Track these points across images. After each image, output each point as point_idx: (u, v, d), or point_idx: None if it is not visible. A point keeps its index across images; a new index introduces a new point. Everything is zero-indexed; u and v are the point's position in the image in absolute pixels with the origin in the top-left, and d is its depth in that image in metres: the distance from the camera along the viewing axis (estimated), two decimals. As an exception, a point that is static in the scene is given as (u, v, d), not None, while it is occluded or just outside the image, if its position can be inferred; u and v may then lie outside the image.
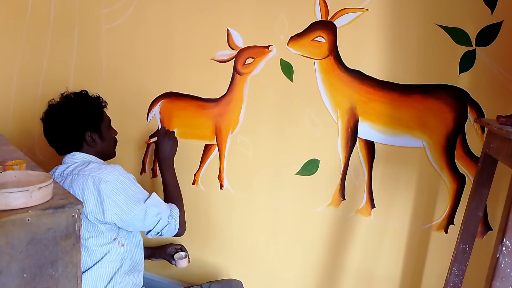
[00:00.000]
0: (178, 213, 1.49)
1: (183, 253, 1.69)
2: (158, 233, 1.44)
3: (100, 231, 1.35)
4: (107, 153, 1.56)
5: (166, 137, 1.64)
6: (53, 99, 1.49)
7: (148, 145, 1.87)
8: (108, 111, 1.57)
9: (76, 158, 1.46)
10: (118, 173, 1.37)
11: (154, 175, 1.90)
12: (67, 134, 1.45)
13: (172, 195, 1.59)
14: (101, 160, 1.51)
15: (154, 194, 1.44)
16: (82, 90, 1.53)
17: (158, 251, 1.74)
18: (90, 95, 1.54)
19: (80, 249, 0.92)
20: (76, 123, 1.45)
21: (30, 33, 1.79)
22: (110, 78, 1.83)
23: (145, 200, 1.39)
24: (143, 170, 1.91)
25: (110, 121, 1.59)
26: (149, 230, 1.43)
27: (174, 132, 1.67)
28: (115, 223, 1.36)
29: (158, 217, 1.41)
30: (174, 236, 1.49)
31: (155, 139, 1.67)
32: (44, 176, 0.97)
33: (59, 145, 1.48)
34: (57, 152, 1.50)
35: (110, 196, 1.32)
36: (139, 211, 1.36)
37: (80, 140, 1.46)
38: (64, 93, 1.51)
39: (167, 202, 1.53)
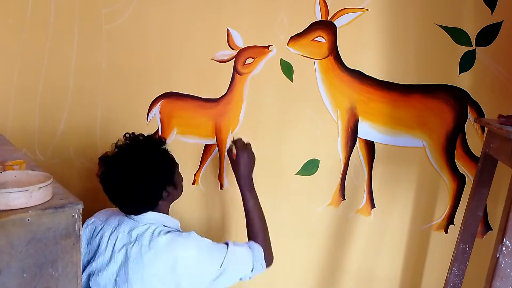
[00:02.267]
0: (262, 252, 1.34)
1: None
2: (249, 277, 1.32)
3: None
4: (177, 198, 1.38)
5: (245, 150, 1.45)
6: (106, 153, 1.24)
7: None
8: (108, 111, 1.56)
9: (147, 218, 1.25)
10: (194, 245, 1.22)
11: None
12: (143, 198, 1.22)
13: (255, 222, 1.40)
14: (174, 221, 1.33)
15: (230, 249, 1.26)
16: (140, 134, 1.29)
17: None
18: (153, 138, 1.31)
19: (80, 248, 0.92)
20: (154, 184, 1.23)
21: (30, 33, 1.79)
22: (110, 78, 1.83)
23: (221, 265, 1.22)
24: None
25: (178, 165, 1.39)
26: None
27: (250, 144, 1.48)
28: None
29: (241, 273, 1.29)
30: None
31: (230, 148, 1.49)
32: (44, 176, 0.97)
33: (129, 208, 1.26)
34: (123, 212, 1.28)
35: (189, 274, 1.19)
36: (219, 279, 1.23)
37: (158, 200, 1.26)
38: (117, 143, 1.25)
39: (250, 229, 1.39)
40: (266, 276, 1.79)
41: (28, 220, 0.85)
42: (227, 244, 1.29)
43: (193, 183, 1.84)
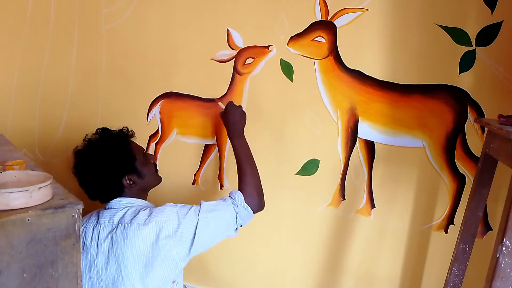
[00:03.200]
0: (241, 197, 1.39)
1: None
2: (236, 228, 1.37)
3: (164, 275, 1.29)
4: (151, 186, 1.49)
5: (235, 106, 1.55)
6: (77, 146, 1.41)
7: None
8: (108, 111, 1.56)
9: (123, 203, 1.38)
10: (170, 209, 1.33)
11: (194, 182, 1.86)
12: (103, 185, 1.37)
13: (244, 164, 1.48)
14: (149, 203, 1.44)
15: (202, 204, 1.35)
16: (104, 128, 1.44)
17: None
18: (113, 131, 1.44)
19: (80, 249, 0.92)
20: (109, 173, 1.36)
21: (30, 33, 1.79)
22: (110, 78, 1.83)
23: (197, 220, 1.31)
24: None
25: (143, 150, 1.50)
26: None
27: (241, 106, 1.59)
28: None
29: (225, 221, 1.34)
30: (256, 213, 1.42)
31: (223, 106, 1.59)
32: (44, 176, 0.97)
33: (99, 196, 1.40)
34: (101, 202, 1.42)
35: (172, 236, 1.28)
36: (200, 233, 1.30)
37: (120, 187, 1.38)
38: (86, 137, 1.42)
39: (240, 173, 1.46)
40: (266, 275, 1.79)
41: (28, 220, 0.85)
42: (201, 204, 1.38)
43: (193, 183, 1.84)
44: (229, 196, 1.41)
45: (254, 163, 1.50)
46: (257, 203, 1.42)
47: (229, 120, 1.53)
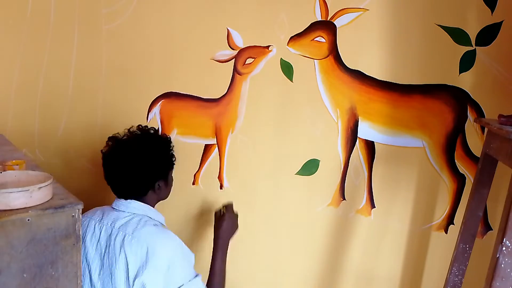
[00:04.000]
0: None
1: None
2: None
3: None
4: (166, 197, 1.47)
5: (233, 217, 1.55)
6: (118, 133, 1.38)
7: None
8: (108, 111, 1.57)
9: (132, 207, 1.33)
10: (174, 248, 1.27)
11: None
12: (137, 181, 1.32)
13: (218, 277, 1.49)
14: (157, 214, 1.39)
15: (198, 278, 1.31)
16: (151, 128, 1.43)
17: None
18: (161, 134, 1.44)
19: (80, 249, 0.92)
20: (151, 171, 1.33)
21: (30, 33, 1.79)
22: (110, 78, 1.83)
23: (186, 283, 1.26)
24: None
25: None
26: None
27: (237, 215, 1.58)
28: None
29: None
30: None
31: (222, 210, 1.58)
32: (44, 176, 0.97)
33: (121, 188, 1.35)
34: (114, 192, 1.37)
35: (159, 272, 1.23)
36: None
37: (147, 188, 1.35)
38: (131, 128, 1.39)
39: (211, 284, 1.46)
40: (266, 275, 1.79)
41: (28, 220, 0.85)
42: (197, 275, 1.32)
43: (193, 183, 1.84)
44: None
45: (224, 282, 1.51)
46: None
47: (224, 228, 1.51)
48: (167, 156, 1.41)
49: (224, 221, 1.52)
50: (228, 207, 1.57)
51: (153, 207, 1.40)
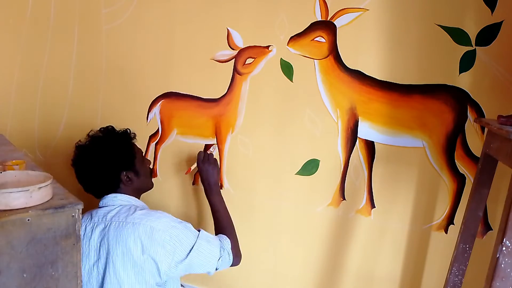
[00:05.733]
0: (229, 243, 1.47)
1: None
2: (216, 268, 1.42)
3: (147, 280, 1.32)
4: (144, 188, 1.55)
5: (206, 162, 1.61)
6: (80, 140, 1.47)
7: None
8: (108, 111, 1.57)
9: (117, 200, 1.43)
10: (169, 220, 1.36)
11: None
12: (101, 178, 1.42)
13: (223, 223, 1.56)
14: (144, 204, 1.49)
15: (202, 231, 1.42)
16: (108, 126, 1.51)
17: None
18: (117, 130, 1.51)
19: (80, 249, 0.92)
20: (109, 166, 1.41)
21: (30, 33, 1.79)
22: (110, 78, 1.83)
23: (195, 242, 1.37)
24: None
25: (142, 153, 1.58)
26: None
27: (212, 155, 1.65)
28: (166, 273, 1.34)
29: (211, 254, 1.39)
30: (230, 266, 1.49)
31: (194, 166, 1.65)
32: (44, 176, 0.97)
33: (95, 189, 1.45)
34: (95, 196, 1.47)
35: (164, 245, 1.31)
36: (192, 256, 1.35)
37: (116, 182, 1.44)
38: (90, 132, 1.49)
39: (219, 231, 1.53)
40: (266, 275, 1.79)
41: (28, 220, 0.85)
42: (199, 230, 1.43)
43: (193, 183, 1.84)
44: (218, 239, 1.46)
45: (232, 223, 1.58)
46: (237, 256, 1.50)
47: (204, 178, 1.60)
48: (123, 147, 1.46)
49: (203, 172, 1.60)
50: (199, 156, 1.63)
51: (138, 197, 1.49)
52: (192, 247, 1.35)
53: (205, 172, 1.60)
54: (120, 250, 1.29)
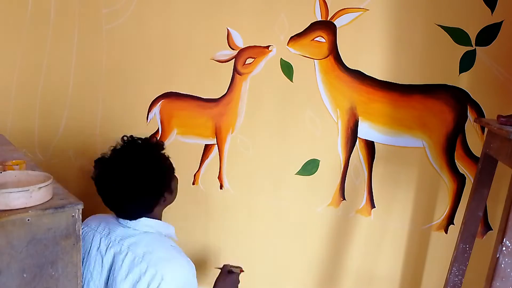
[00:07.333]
0: None
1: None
2: None
3: None
4: (171, 203, 1.36)
5: (236, 276, 1.47)
6: (104, 155, 1.22)
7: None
8: (108, 111, 1.56)
9: (140, 225, 1.24)
10: (184, 274, 1.19)
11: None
12: (141, 202, 1.21)
13: None
14: (169, 232, 1.31)
15: None
16: (136, 139, 1.27)
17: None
18: (150, 141, 1.29)
19: (80, 249, 0.92)
20: (153, 188, 1.21)
21: (30, 33, 1.79)
22: (110, 78, 1.83)
23: None
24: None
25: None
26: None
27: (237, 274, 1.49)
28: None
29: None
30: None
31: (220, 266, 1.53)
32: (44, 176, 0.97)
33: (126, 212, 1.24)
34: (117, 215, 1.27)
35: None
36: None
37: (155, 205, 1.25)
38: (117, 147, 1.24)
39: None
40: (267, 276, 1.79)
41: (28, 220, 0.85)
42: None
43: (193, 183, 1.84)
44: None
45: None
46: None
47: (226, 283, 1.45)
48: (164, 166, 1.27)
49: (230, 277, 1.45)
50: (222, 270, 1.50)
51: (161, 217, 1.32)
52: None
53: (222, 282, 1.45)
54: (129, 284, 1.18)
